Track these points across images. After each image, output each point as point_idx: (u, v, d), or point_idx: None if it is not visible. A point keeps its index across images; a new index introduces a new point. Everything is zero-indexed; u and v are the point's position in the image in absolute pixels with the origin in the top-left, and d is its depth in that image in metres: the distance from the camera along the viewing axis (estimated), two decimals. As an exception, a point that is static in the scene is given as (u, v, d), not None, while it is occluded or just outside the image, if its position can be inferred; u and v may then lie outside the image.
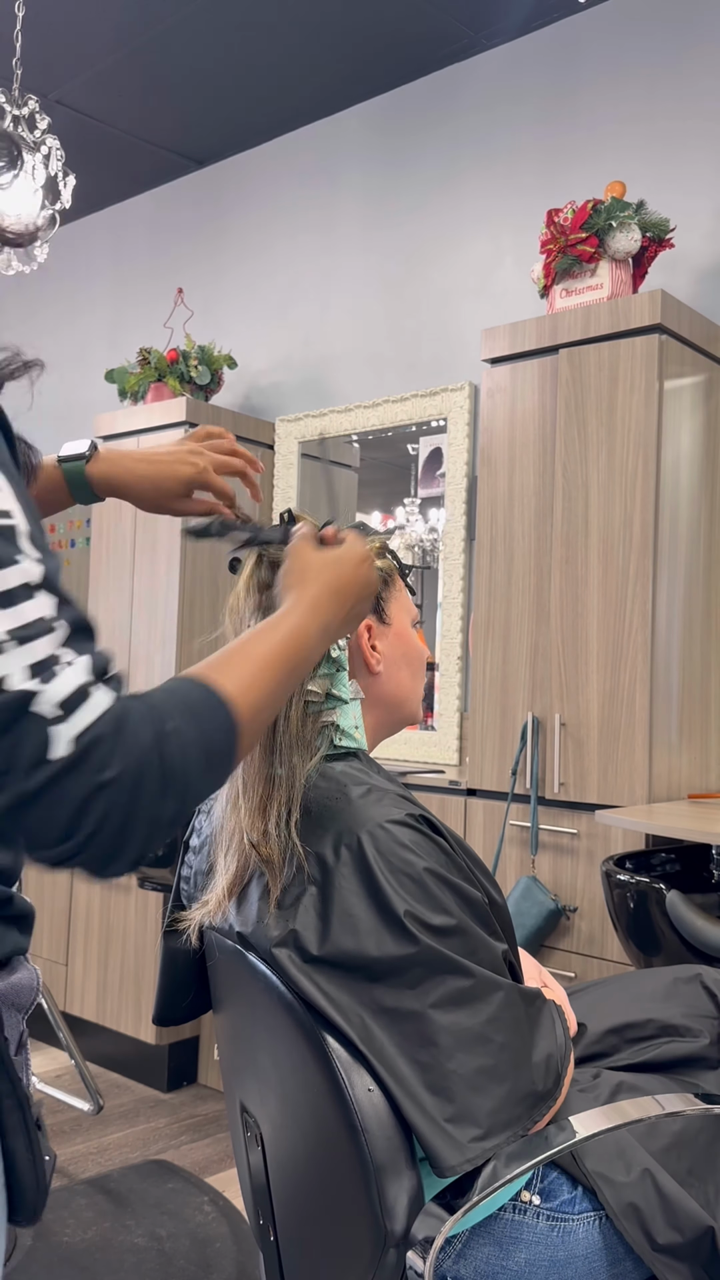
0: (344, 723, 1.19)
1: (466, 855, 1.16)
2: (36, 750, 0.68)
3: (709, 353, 2.62)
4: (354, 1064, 1.03)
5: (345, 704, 1.20)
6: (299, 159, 3.85)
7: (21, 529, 0.71)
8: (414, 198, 3.51)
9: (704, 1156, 1.25)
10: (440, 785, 2.80)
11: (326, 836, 1.09)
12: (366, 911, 1.05)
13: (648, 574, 2.40)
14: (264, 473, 3.82)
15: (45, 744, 0.68)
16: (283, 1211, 1.18)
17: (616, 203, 2.55)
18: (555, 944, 2.50)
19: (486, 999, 1.06)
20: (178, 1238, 2.28)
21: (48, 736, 0.68)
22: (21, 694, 0.68)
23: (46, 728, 0.68)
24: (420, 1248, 1.19)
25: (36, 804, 0.68)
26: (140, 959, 3.30)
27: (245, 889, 1.15)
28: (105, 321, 4.49)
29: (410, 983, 1.04)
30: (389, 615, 1.30)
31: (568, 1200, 1.17)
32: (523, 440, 2.66)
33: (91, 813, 0.69)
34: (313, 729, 1.17)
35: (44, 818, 0.69)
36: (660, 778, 2.43)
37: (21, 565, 0.70)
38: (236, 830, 1.15)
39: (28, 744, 0.68)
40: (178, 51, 3.42)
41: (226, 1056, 1.31)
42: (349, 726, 1.19)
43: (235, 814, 1.15)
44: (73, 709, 0.69)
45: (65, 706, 0.69)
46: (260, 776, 1.13)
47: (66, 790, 0.69)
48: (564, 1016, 1.16)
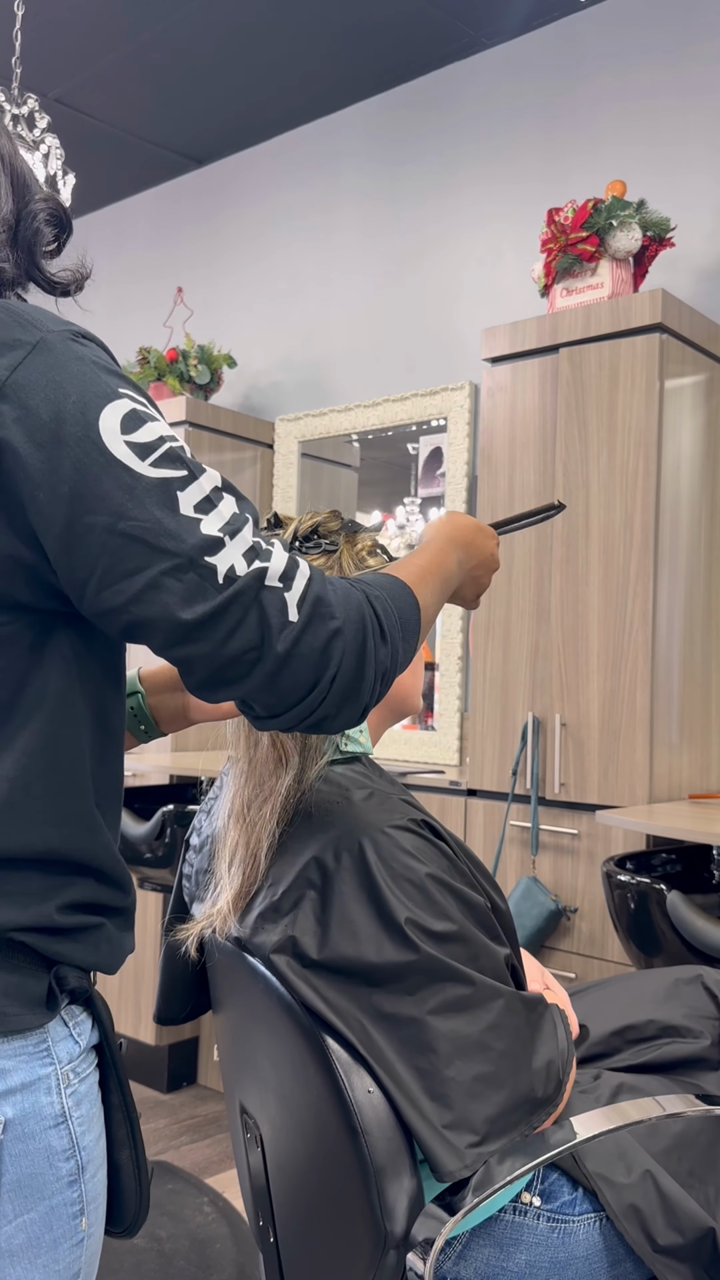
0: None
1: (469, 860, 1.15)
2: (280, 616, 0.78)
3: (710, 352, 2.62)
4: (354, 1065, 1.03)
5: None
6: (299, 158, 3.85)
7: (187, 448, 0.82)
8: (414, 197, 3.51)
9: (705, 1158, 1.24)
10: (440, 785, 2.79)
11: (328, 841, 1.09)
12: (367, 918, 1.05)
13: (648, 574, 2.40)
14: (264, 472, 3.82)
15: (284, 609, 0.78)
16: (283, 1213, 1.18)
17: (617, 202, 2.55)
18: (556, 945, 2.50)
19: (487, 1006, 1.05)
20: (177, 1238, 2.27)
21: (284, 602, 0.78)
22: (255, 572, 0.77)
23: (281, 595, 0.78)
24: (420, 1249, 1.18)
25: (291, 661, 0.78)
26: (140, 959, 3.30)
27: None
28: (105, 321, 4.48)
29: (410, 989, 1.03)
30: None
31: (568, 1201, 1.17)
32: (523, 440, 2.65)
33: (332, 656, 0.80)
34: (319, 736, 1.16)
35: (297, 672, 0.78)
36: (661, 778, 2.42)
37: (208, 473, 0.80)
38: (240, 843, 1.14)
39: (273, 612, 0.77)
40: (178, 51, 3.41)
41: (226, 1057, 1.30)
42: (354, 731, 1.19)
43: (239, 825, 1.14)
44: (290, 578, 0.79)
45: (284, 578, 0.79)
46: (267, 786, 1.12)
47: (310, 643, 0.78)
48: (567, 1021, 1.16)
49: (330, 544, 1.22)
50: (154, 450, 0.77)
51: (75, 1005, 0.85)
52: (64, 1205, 0.82)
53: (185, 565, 0.75)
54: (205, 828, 1.28)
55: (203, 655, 0.77)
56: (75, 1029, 0.84)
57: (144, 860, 3.01)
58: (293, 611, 0.78)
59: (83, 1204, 0.83)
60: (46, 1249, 0.81)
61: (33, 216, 0.91)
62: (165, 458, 0.78)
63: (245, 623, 0.76)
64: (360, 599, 0.83)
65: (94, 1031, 0.87)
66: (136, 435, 0.77)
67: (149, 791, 3.28)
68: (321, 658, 0.79)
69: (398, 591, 0.89)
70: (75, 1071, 0.83)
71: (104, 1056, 0.88)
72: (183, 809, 2.90)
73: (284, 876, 1.10)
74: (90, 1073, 0.86)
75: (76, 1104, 0.83)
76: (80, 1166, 0.83)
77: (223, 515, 0.78)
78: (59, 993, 0.82)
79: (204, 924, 1.18)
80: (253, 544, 0.79)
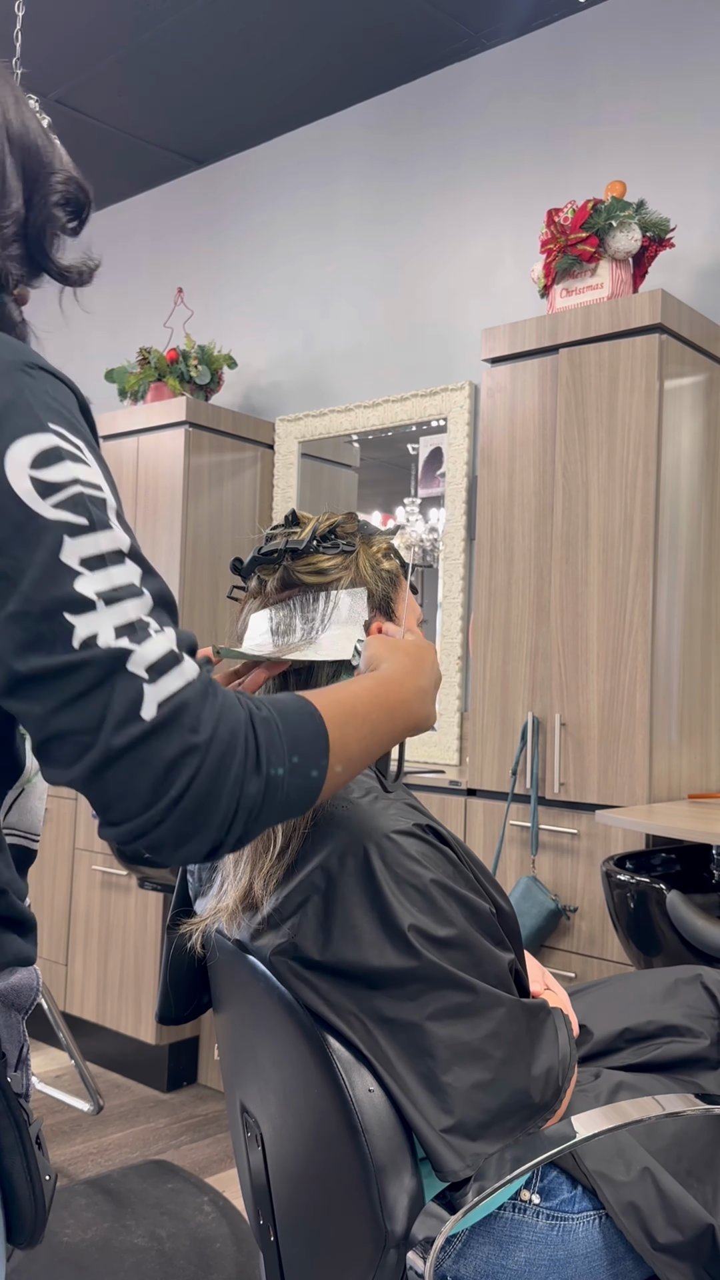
0: None
1: (473, 864, 1.15)
2: (128, 708, 0.68)
3: (709, 352, 2.62)
4: (355, 1064, 1.03)
5: None
6: (299, 159, 3.85)
7: (111, 503, 0.74)
8: (414, 197, 3.51)
9: (704, 1157, 1.24)
10: (440, 785, 2.80)
11: (332, 845, 1.09)
12: (370, 923, 1.05)
13: (648, 574, 2.40)
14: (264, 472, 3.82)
15: (138, 702, 0.68)
16: (283, 1212, 1.18)
17: (617, 202, 2.55)
18: (555, 944, 2.50)
19: (487, 1014, 1.05)
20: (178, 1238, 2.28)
21: (140, 695, 0.68)
22: (117, 650, 0.68)
23: (141, 685, 0.68)
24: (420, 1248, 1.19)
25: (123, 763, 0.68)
26: (140, 959, 3.30)
27: None
28: (105, 321, 4.48)
29: (410, 995, 1.04)
30: (398, 617, 1.30)
31: (567, 1199, 1.17)
32: (523, 440, 2.66)
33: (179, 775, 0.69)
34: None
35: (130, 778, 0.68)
36: (660, 778, 2.42)
37: (114, 532, 0.72)
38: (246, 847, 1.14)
39: (120, 700, 0.68)
40: (178, 51, 3.42)
41: (227, 1056, 1.31)
42: None
43: None
44: (161, 673, 0.69)
45: (154, 670, 0.69)
46: None
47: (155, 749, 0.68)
48: (569, 1025, 1.16)
49: (348, 545, 1.23)
50: (59, 490, 0.71)
51: None
52: None
53: (37, 615, 0.68)
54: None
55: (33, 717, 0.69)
56: None
57: (144, 860, 3.01)
58: (147, 708, 0.68)
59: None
60: None
61: (45, 203, 0.87)
62: (70, 501, 0.71)
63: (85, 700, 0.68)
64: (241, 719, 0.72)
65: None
66: (46, 472, 0.71)
67: (149, 791, 3.27)
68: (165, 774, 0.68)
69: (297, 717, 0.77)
70: None
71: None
72: (183, 809, 2.89)
73: (289, 880, 1.10)
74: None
75: None
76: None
77: (110, 579, 0.70)
78: None
79: (209, 919, 1.19)
80: (133, 622, 0.70)
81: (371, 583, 1.25)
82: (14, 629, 0.68)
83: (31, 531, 0.69)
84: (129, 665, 0.69)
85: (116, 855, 3.09)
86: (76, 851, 3.58)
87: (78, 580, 0.69)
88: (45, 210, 0.86)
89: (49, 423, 0.73)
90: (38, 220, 0.87)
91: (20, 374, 0.75)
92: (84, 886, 3.53)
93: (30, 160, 0.86)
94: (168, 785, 0.69)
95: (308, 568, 1.21)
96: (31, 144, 0.87)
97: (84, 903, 3.52)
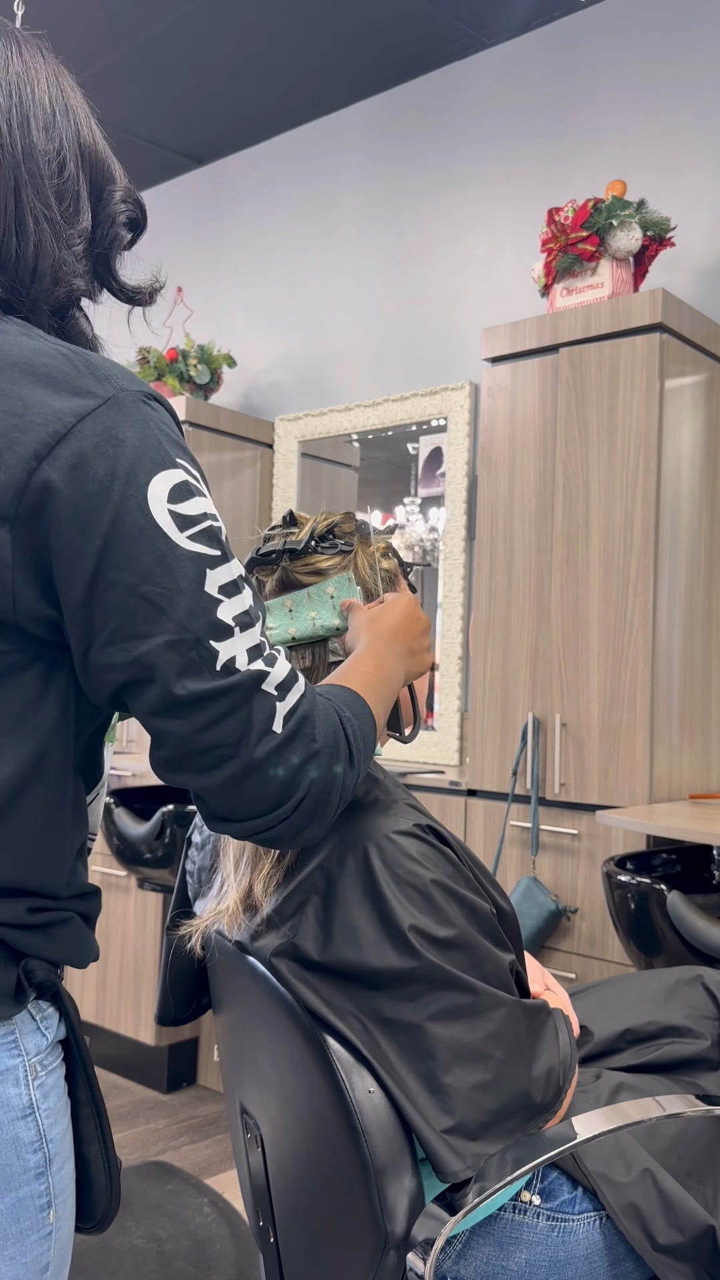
0: None
1: (473, 865, 1.15)
2: (265, 723, 0.78)
3: (710, 352, 2.62)
4: (355, 1065, 1.03)
5: None
6: (299, 158, 3.85)
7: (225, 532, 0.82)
8: (414, 196, 3.51)
9: (704, 1158, 1.24)
10: (440, 785, 2.79)
11: (332, 845, 1.09)
12: (370, 924, 1.04)
13: (648, 574, 2.40)
14: (264, 472, 3.82)
15: (271, 717, 0.78)
16: (283, 1213, 1.18)
17: (617, 201, 2.55)
18: (556, 945, 2.50)
19: (488, 1015, 1.05)
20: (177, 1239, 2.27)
21: (274, 711, 0.79)
22: (258, 673, 0.78)
23: (273, 703, 0.79)
24: (421, 1249, 1.18)
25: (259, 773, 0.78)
26: (140, 960, 3.30)
27: None
28: (105, 321, 4.48)
29: (411, 995, 1.03)
30: None
31: (568, 1200, 1.17)
32: (523, 440, 2.65)
33: (305, 778, 0.80)
34: None
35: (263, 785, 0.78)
36: (661, 778, 2.42)
37: (234, 562, 0.81)
38: (247, 847, 1.13)
39: (258, 718, 0.78)
40: (177, 51, 3.41)
41: (226, 1057, 1.30)
42: None
43: None
44: (287, 690, 0.80)
45: (282, 689, 0.80)
46: None
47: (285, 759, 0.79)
48: (570, 1026, 1.15)
49: (346, 544, 1.23)
50: (195, 524, 0.78)
51: (43, 999, 0.85)
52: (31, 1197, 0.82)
53: (191, 642, 0.76)
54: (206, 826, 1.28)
55: (178, 734, 0.77)
56: (43, 1022, 0.85)
57: (144, 860, 3.01)
58: (278, 723, 0.79)
59: (50, 1196, 0.83)
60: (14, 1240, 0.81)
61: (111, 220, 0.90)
62: (204, 534, 0.78)
63: (230, 717, 0.77)
64: (337, 724, 0.84)
65: (61, 1026, 0.87)
66: (182, 507, 0.78)
67: (149, 791, 3.28)
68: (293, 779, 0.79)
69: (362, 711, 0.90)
70: (43, 1064, 0.84)
71: (71, 1051, 0.88)
72: (183, 809, 2.90)
73: (289, 881, 1.10)
74: (57, 1066, 0.86)
75: (44, 1096, 0.83)
76: (47, 1159, 0.83)
77: (242, 604, 0.79)
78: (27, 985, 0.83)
79: (209, 921, 1.18)
80: (259, 643, 0.80)
81: (370, 582, 1.25)
82: (172, 656, 0.76)
83: (174, 562, 0.77)
84: (264, 685, 0.79)
85: (116, 855, 3.09)
86: (76, 852, 3.57)
87: (220, 608, 0.78)
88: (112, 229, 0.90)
89: (176, 458, 0.80)
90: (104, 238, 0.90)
91: (144, 406, 0.80)
92: (84, 887, 3.52)
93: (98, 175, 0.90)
94: (295, 789, 0.80)
95: (306, 568, 1.21)
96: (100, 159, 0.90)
97: (84, 903, 3.51)
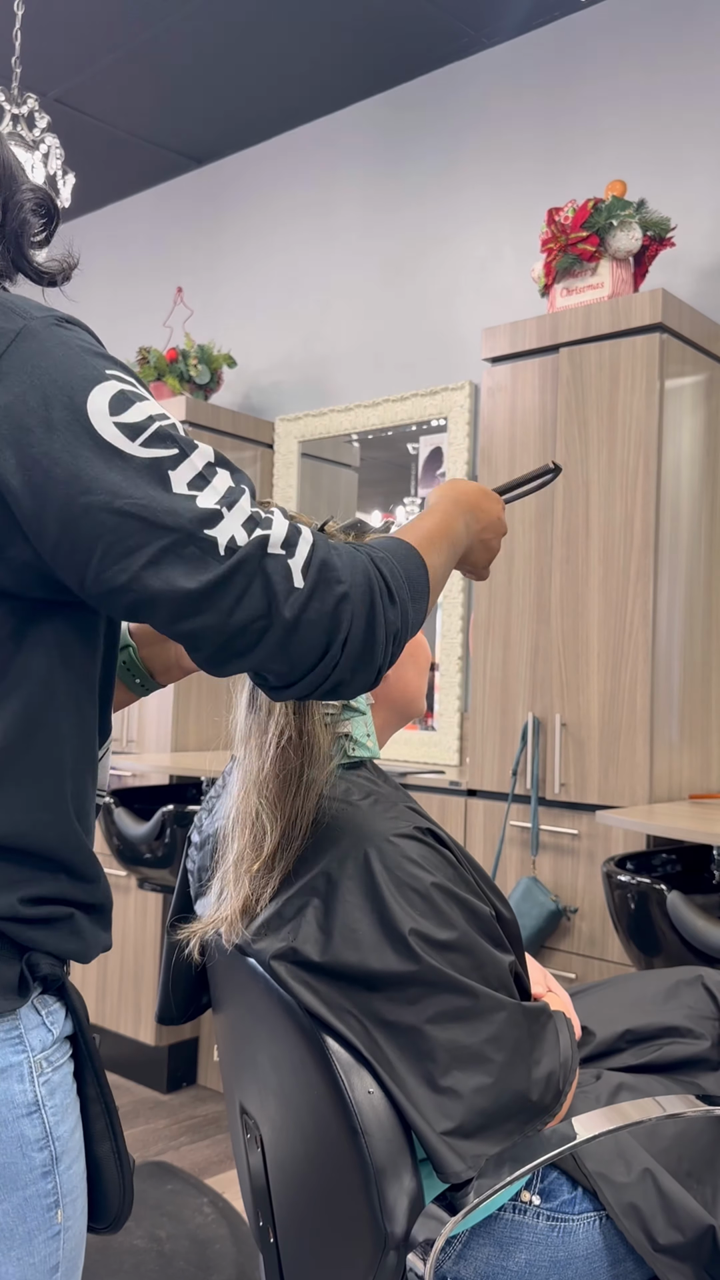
0: (357, 732, 1.18)
1: (473, 868, 1.15)
2: (285, 583, 0.77)
3: (710, 352, 2.62)
4: (354, 1066, 1.03)
5: (359, 714, 1.18)
6: (299, 157, 3.85)
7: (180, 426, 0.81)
8: (414, 197, 3.51)
9: (704, 1158, 1.24)
10: (440, 786, 2.79)
11: (333, 848, 1.08)
12: (370, 927, 1.04)
13: (648, 574, 2.40)
14: (264, 472, 3.82)
15: (289, 575, 0.77)
16: (283, 1213, 1.18)
17: (617, 201, 2.55)
18: (556, 945, 2.50)
19: (488, 1018, 1.05)
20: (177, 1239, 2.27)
21: (288, 569, 0.77)
22: (260, 539, 0.77)
23: (285, 561, 0.78)
24: (420, 1249, 1.18)
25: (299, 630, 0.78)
26: (140, 960, 3.30)
27: None
28: (104, 320, 4.48)
29: (411, 998, 1.03)
30: None
31: (568, 1200, 1.17)
32: (523, 439, 2.65)
33: (341, 620, 0.79)
34: (328, 741, 1.15)
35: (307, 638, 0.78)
36: (661, 778, 2.42)
37: (200, 449, 0.80)
38: (249, 848, 1.13)
39: (278, 579, 0.77)
40: (178, 51, 3.41)
41: (226, 1058, 1.30)
42: (361, 736, 1.18)
43: (247, 831, 1.13)
44: (293, 544, 0.79)
45: (288, 545, 0.78)
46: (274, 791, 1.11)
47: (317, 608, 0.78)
48: (571, 1028, 1.15)
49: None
50: (143, 430, 0.77)
51: (48, 994, 0.84)
52: (38, 1196, 0.81)
53: (185, 539, 0.75)
54: (207, 825, 1.28)
55: (210, 627, 0.76)
56: (48, 1018, 0.84)
57: (144, 860, 3.01)
58: (298, 578, 0.78)
59: (58, 1196, 0.82)
60: (21, 1241, 0.80)
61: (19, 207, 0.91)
62: (155, 437, 0.78)
63: (250, 591, 0.76)
64: (365, 562, 0.83)
65: (68, 1021, 0.86)
66: (125, 416, 0.77)
67: (149, 791, 3.28)
68: (331, 622, 0.78)
69: (404, 553, 0.88)
70: (48, 1060, 0.82)
71: (79, 1048, 0.87)
72: (183, 809, 2.89)
73: (289, 884, 1.09)
74: (64, 1063, 0.85)
75: (50, 1093, 0.82)
76: (54, 1157, 0.82)
77: (218, 490, 0.78)
78: (31, 979, 0.82)
79: (208, 926, 1.18)
80: (251, 514, 0.78)
81: None
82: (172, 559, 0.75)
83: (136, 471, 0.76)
84: (270, 549, 0.77)
85: (116, 855, 3.09)
86: (76, 852, 3.57)
87: (198, 500, 0.76)
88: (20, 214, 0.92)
89: (105, 370, 0.79)
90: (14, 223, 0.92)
91: (57, 329, 0.80)
92: (84, 887, 3.52)
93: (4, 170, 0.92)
94: (336, 632, 0.79)
95: None
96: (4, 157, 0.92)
97: (84, 903, 3.51)
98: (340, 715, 1.17)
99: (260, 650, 0.78)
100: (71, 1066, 0.86)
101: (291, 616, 0.77)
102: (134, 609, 0.78)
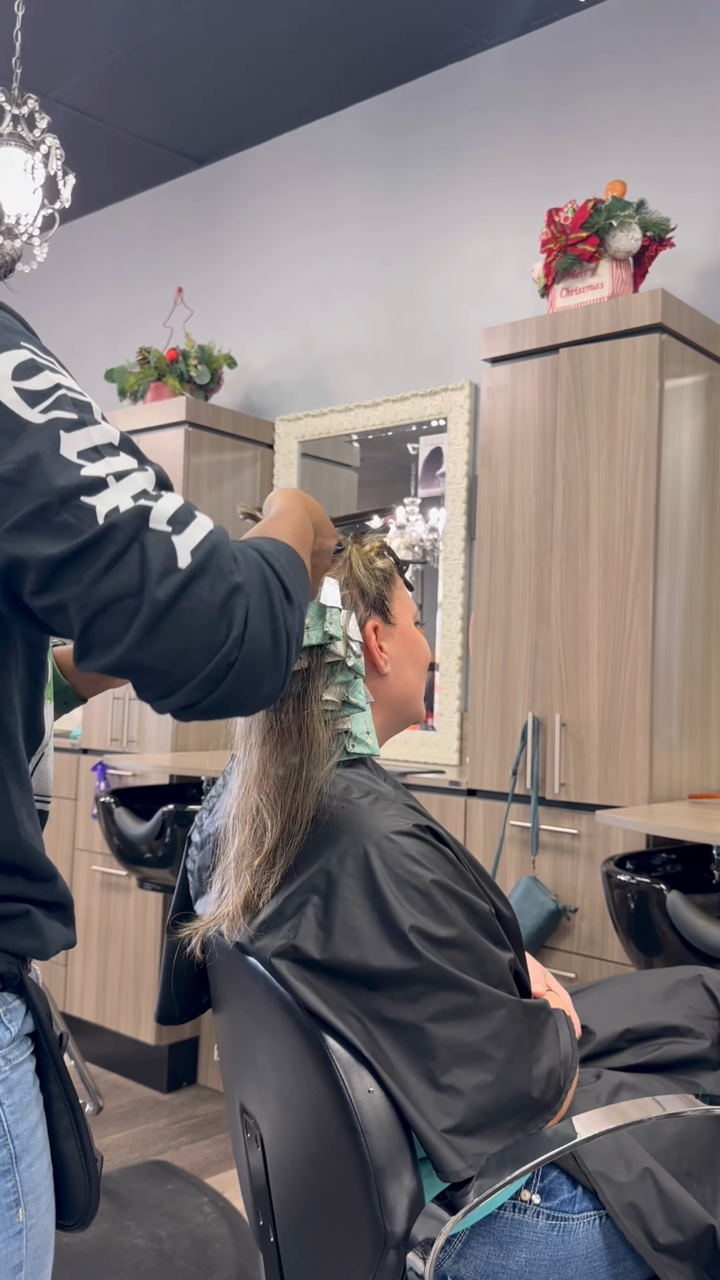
0: (356, 729, 1.17)
1: (472, 866, 1.15)
2: (164, 560, 0.68)
3: (710, 352, 2.62)
4: (354, 1065, 1.03)
5: (359, 710, 1.18)
6: (299, 158, 3.85)
7: (96, 406, 0.76)
8: (414, 197, 3.51)
9: (704, 1157, 1.24)
10: (440, 785, 2.79)
11: (332, 846, 1.08)
12: (370, 924, 1.04)
13: (648, 574, 2.40)
14: (264, 472, 3.82)
15: (171, 554, 0.69)
16: (283, 1212, 1.18)
17: (617, 202, 2.55)
18: (556, 945, 2.50)
19: (488, 1015, 1.05)
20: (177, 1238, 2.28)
21: (171, 546, 0.69)
22: (141, 508, 0.69)
23: (169, 537, 0.69)
24: (420, 1248, 1.18)
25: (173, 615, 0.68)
26: (140, 959, 3.30)
27: None
28: (104, 320, 4.48)
29: (411, 996, 1.03)
30: (393, 615, 1.29)
31: (568, 1199, 1.17)
32: (523, 440, 2.65)
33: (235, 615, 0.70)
34: (328, 738, 1.15)
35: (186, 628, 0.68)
36: (661, 778, 2.42)
37: (103, 426, 0.74)
38: (249, 846, 1.13)
39: (154, 554, 0.68)
40: (177, 51, 3.42)
41: (226, 1057, 1.30)
42: (361, 733, 1.18)
43: (247, 829, 1.13)
44: (184, 524, 0.71)
45: (176, 522, 0.70)
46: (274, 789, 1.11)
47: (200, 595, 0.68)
48: (571, 1026, 1.15)
49: (338, 545, 1.22)
50: (46, 398, 0.73)
51: (7, 992, 0.83)
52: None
53: (57, 505, 0.69)
54: (207, 825, 1.28)
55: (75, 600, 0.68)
56: (7, 1015, 0.83)
57: (144, 860, 3.01)
58: (182, 557, 0.69)
59: (19, 1194, 0.81)
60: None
61: None
62: (56, 404, 0.73)
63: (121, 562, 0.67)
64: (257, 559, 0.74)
65: (28, 1019, 0.85)
66: (29, 383, 0.73)
67: (149, 791, 3.28)
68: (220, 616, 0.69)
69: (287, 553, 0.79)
70: (6, 1058, 0.82)
71: (40, 1045, 0.85)
72: (183, 809, 2.90)
73: (289, 882, 1.09)
74: (24, 1060, 0.84)
75: (8, 1091, 0.81)
76: (14, 1156, 0.81)
77: (111, 465, 0.71)
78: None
79: (209, 924, 1.18)
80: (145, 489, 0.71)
81: (365, 581, 1.25)
82: (39, 524, 0.69)
83: (25, 436, 0.71)
84: (151, 522, 0.69)
85: (116, 855, 3.09)
86: (76, 852, 3.57)
87: (84, 469, 0.70)
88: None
89: (19, 341, 0.76)
90: None
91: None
92: (84, 887, 3.52)
93: None
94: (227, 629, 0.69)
95: None
96: None
97: (84, 903, 3.51)
98: (340, 712, 1.17)
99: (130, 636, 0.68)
100: (33, 1064, 0.85)
101: (165, 598, 0.67)
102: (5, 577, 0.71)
